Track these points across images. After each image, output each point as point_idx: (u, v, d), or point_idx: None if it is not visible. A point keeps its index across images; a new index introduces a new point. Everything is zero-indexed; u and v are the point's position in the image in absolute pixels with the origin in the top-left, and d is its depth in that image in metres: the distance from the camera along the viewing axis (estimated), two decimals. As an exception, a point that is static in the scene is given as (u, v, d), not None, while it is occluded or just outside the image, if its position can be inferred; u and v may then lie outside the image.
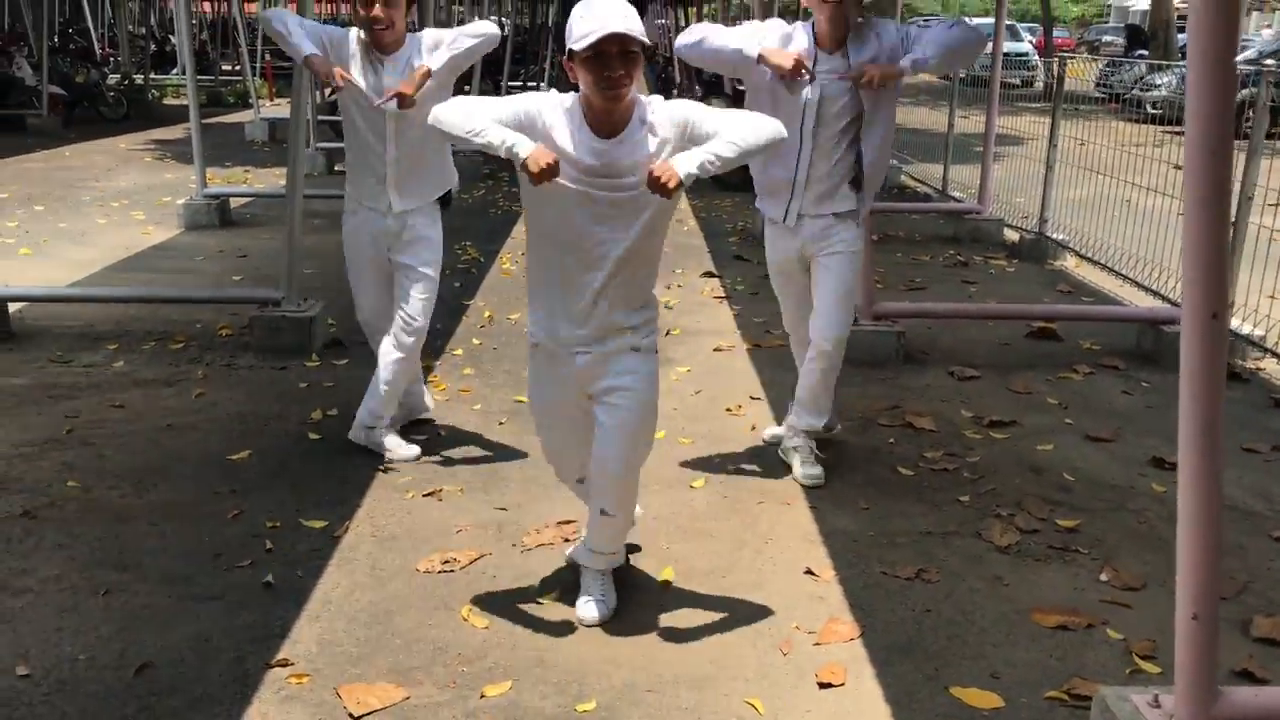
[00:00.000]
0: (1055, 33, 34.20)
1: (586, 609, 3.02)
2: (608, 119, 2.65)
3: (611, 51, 2.53)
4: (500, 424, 4.47)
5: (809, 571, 3.32)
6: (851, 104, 3.65)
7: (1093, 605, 3.16)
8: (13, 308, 5.62)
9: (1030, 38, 32.42)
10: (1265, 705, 2.32)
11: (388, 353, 4.02)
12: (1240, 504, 3.84)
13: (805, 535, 3.56)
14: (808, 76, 3.54)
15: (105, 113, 16.23)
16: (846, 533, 3.58)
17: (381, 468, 4.02)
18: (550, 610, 3.08)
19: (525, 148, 2.57)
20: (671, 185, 2.52)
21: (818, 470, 3.93)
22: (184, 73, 21.12)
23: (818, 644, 2.93)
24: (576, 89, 2.69)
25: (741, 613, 3.08)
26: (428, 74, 3.74)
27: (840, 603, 3.15)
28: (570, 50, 2.58)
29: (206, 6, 29.54)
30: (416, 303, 3.99)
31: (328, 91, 5.57)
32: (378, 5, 3.73)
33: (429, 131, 2.72)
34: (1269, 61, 16.91)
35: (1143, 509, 3.77)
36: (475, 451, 4.20)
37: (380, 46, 3.84)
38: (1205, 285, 2.08)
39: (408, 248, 4.00)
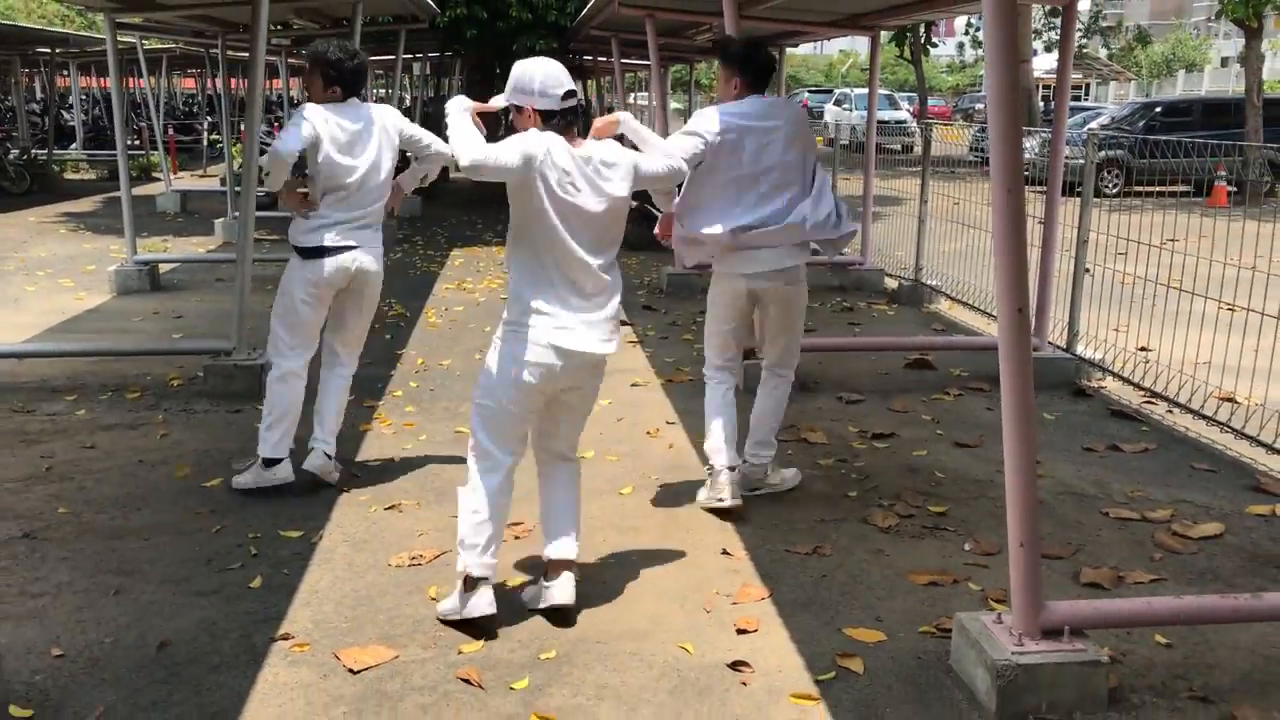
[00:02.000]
0: (931, 101, 36.32)
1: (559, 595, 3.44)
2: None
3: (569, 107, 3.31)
4: (443, 449, 5.00)
5: (724, 552, 3.94)
6: None
7: (958, 567, 3.84)
8: (-31, 365, 5.96)
9: (908, 106, 34.39)
10: (1079, 613, 3.01)
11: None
12: (1079, 490, 4.59)
13: (720, 526, 4.18)
14: None
15: (8, 187, 16.30)
16: (755, 523, 4.21)
17: (343, 488, 4.52)
18: (510, 589, 3.62)
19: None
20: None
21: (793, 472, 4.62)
22: (83, 148, 21.10)
23: (735, 603, 3.54)
24: None
25: (670, 584, 3.68)
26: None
27: (751, 573, 3.77)
28: (535, 108, 3.27)
29: (103, 82, 29.55)
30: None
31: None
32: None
33: None
34: (1093, 126, 18.45)
35: (1000, 496, 4.41)
36: (426, 472, 4.72)
37: None
38: (1011, 287, 2.79)
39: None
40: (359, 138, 4.29)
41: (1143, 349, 6.36)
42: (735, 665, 3.14)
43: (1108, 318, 6.59)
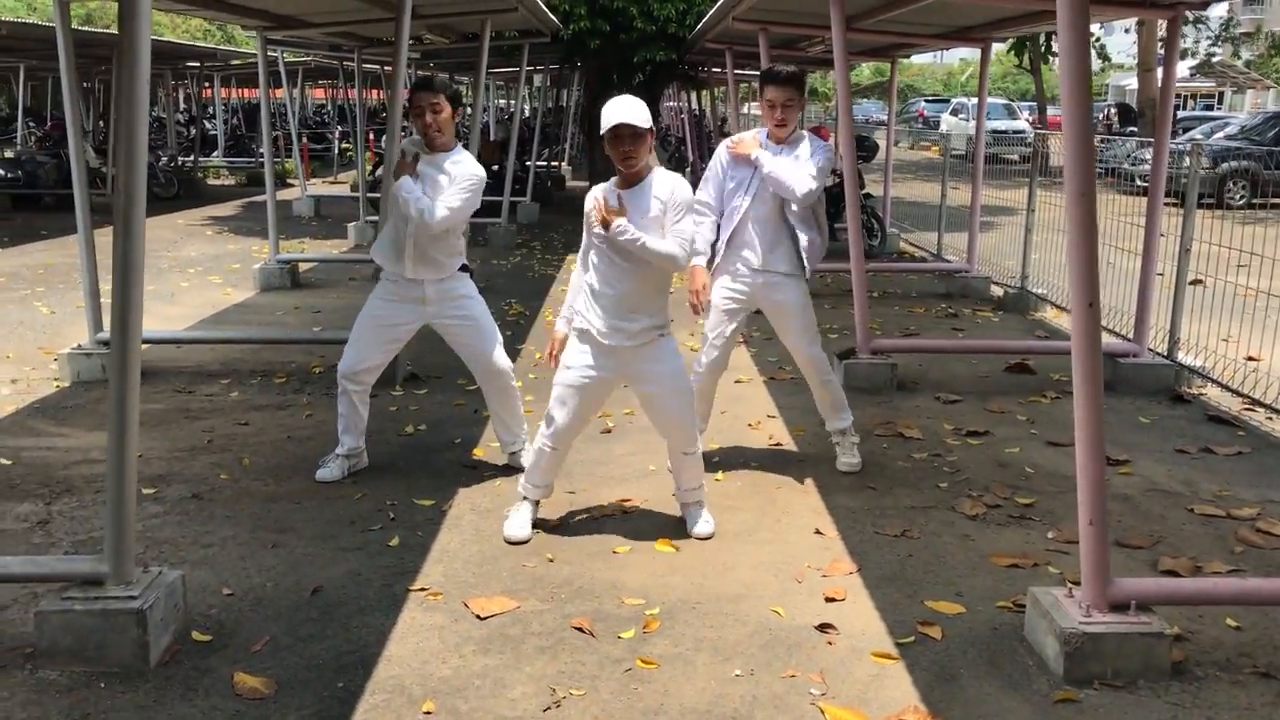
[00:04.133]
0: (1051, 110, 35.66)
1: (705, 527, 4.19)
2: (626, 178, 3.90)
3: (623, 134, 3.78)
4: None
5: (817, 531, 4.24)
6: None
7: (1039, 553, 4.06)
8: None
9: (1027, 115, 33.85)
10: (1144, 589, 3.22)
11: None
12: (1167, 488, 4.75)
13: (814, 509, 4.48)
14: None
15: (158, 192, 17.46)
16: (847, 508, 4.49)
17: (469, 465, 4.96)
18: (619, 555, 4.00)
19: (557, 328, 4.14)
20: (603, 222, 3.83)
21: (855, 459, 4.92)
22: (224, 155, 22.29)
23: (824, 575, 3.84)
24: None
25: (764, 557, 4.00)
26: None
27: (841, 551, 4.06)
28: (602, 134, 3.83)
29: (243, 92, 31.17)
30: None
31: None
32: (427, 114, 4.46)
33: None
34: (1197, 136, 17.98)
35: (1087, 491, 4.67)
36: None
37: (431, 145, 4.56)
38: (1083, 284, 3.04)
39: (452, 309, 4.72)
40: None
41: (1250, 359, 6.41)
42: (822, 627, 3.45)
43: (1218, 327, 6.66)
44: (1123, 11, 6.27)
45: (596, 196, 3.92)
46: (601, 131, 3.82)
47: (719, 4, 8.76)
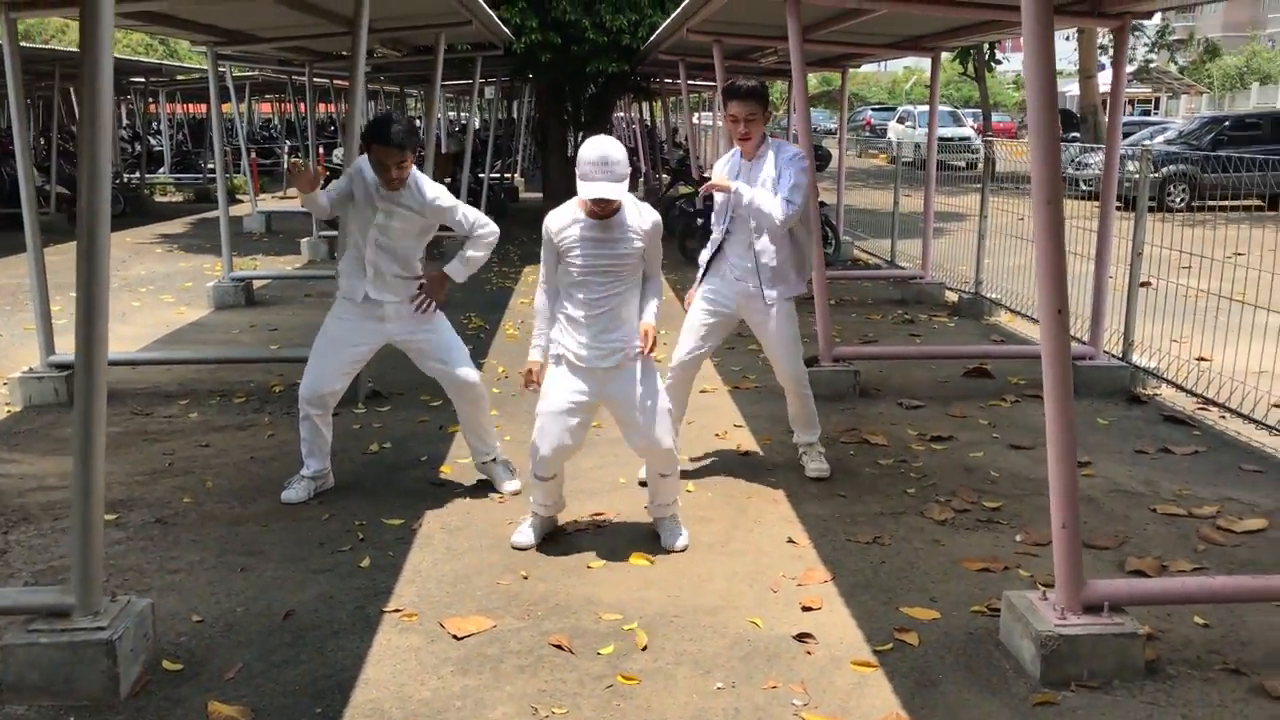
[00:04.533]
0: (996, 117, 36.23)
1: (680, 540, 4.20)
2: (599, 216, 3.90)
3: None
4: (525, 448, 5.37)
5: (790, 540, 4.25)
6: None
7: (1009, 556, 4.11)
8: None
9: (972, 123, 34.37)
10: (1117, 590, 3.27)
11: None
12: (1129, 488, 4.83)
13: (785, 518, 4.50)
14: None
15: (76, 210, 17.13)
16: (818, 516, 4.51)
17: (436, 482, 4.91)
18: (594, 570, 3.98)
19: (532, 357, 4.15)
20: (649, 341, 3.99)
21: (824, 465, 4.97)
22: (170, 172, 21.95)
23: (799, 585, 3.85)
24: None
25: (739, 567, 4.00)
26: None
27: (815, 559, 4.08)
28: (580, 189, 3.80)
29: (188, 107, 30.75)
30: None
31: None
32: (393, 169, 4.37)
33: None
34: (1158, 141, 18.40)
35: (1052, 494, 4.74)
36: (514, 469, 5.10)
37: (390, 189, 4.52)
38: (1051, 291, 3.08)
39: (413, 327, 4.65)
40: None
41: (1201, 359, 6.55)
42: (800, 637, 3.46)
43: (1168, 329, 6.79)
44: (1071, 20, 6.38)
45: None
46: (580, 189, 3.80)
47: (673, 16, 8.81)
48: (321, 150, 19.06)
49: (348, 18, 7.44)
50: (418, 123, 18.78)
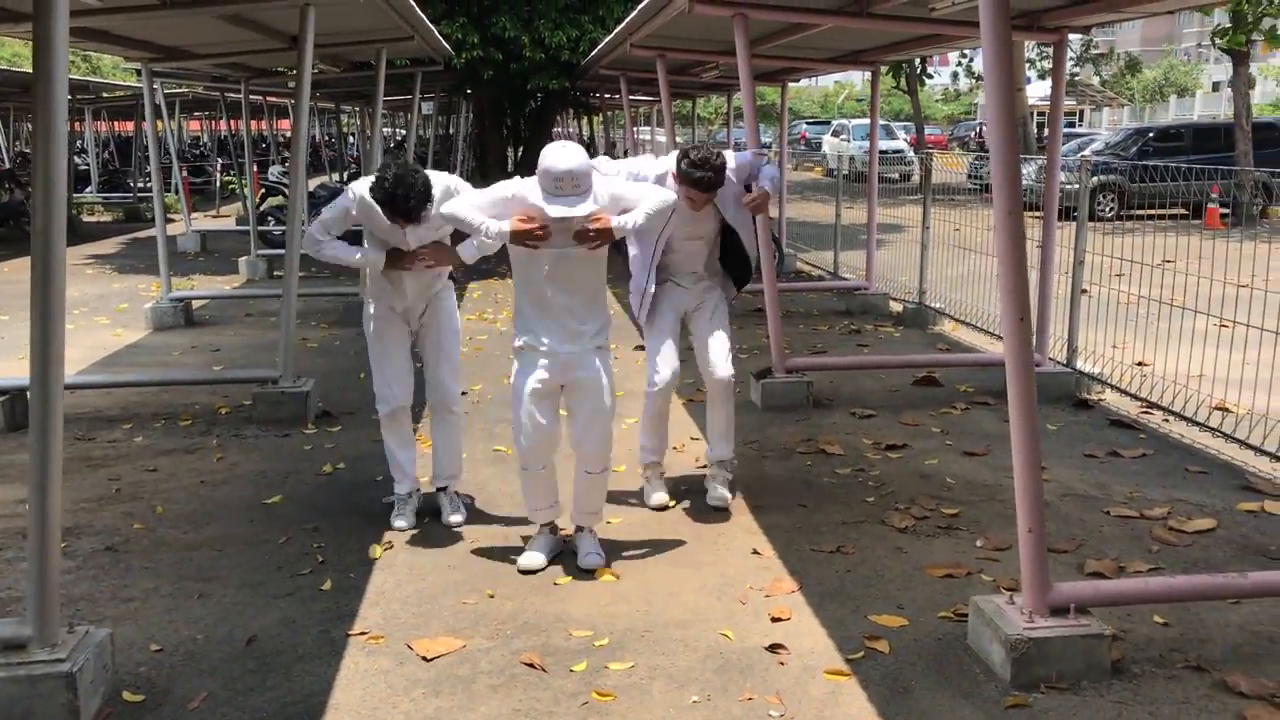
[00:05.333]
0: (928, 130, 36.84)
1: (590, 560, 4.10)
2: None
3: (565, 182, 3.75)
4: (483, 466, 5.33)
5: (755, 552, 4.26)
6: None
7: (971, 561, 4.16)
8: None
9: (904, 135, 34.93)
10: (1082, 592, 3.33)
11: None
12: (1082, 492, 4.92)
13: (749, 530, 4.51)
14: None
15: (29, 230, 16.69)
16: (781, 527, 4.53)
17: (392, 501, 4.84)
18: (560, 586, 3.95)
19: (506, 224, 3.82)
20: (603, 228, 3.79)
21: (727, 493, 4.82)
22: (98, 191, 21.46)
23: (767, 596, 3.86)
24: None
25: (706, 580, 4.00)
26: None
27: (781, 570, 4.09)
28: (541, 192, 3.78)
29: (115, 125, 30.09)
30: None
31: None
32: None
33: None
34: (1087, 153, 18.89)
35: (1008, 499, 4.75)
36: (468, 486, 5.04)
37: None
38: (1014, 299, 3.13)
39: (430, 314, 4.63)
40: None
41: (1140, 364, 6.71)
42: (772, 648, 3.46)
43: (1107, 335, 6.95)
44: (1015, 35, 6.51)
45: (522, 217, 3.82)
46: (540, 186, 3.77)
47: (616, 31, 8.84)
48: (256, 168, 18.75)
49: (290, 34, 7.38)
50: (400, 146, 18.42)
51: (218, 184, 23.21)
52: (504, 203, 3.87)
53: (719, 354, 4.73)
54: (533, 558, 4.12)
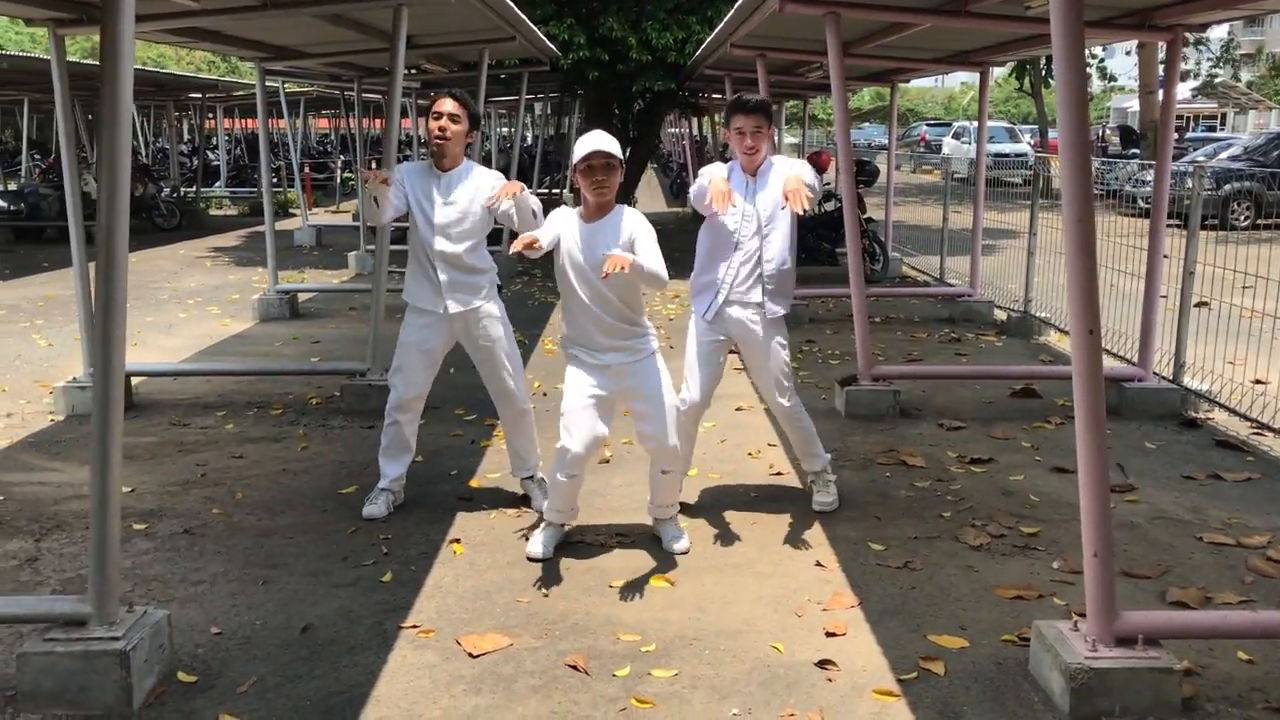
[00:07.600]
0: (1052, 134, 35.61)
1: (679, 544, 4.28)
2: (595, 210, 3.96)
3: (596, 164, 3.87)
4: (559, 466, 5.34)
5: (818, 564, 4.15)
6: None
7: (1044, 584, 3.98)
8: (134, 381, 6.57)
9: (1029, 139, 33.88)
10: (1152, 622, 3.14)
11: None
12: (1175, 515, 4.66)
13: (816, 540, 4.40)
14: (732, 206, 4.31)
15: (159, 223, 17.48)
16: (848, 538, 4.41)
17: (464, 497, 4.89)
18: (615, 589, 3.91)
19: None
20: (619, 268, 3.67)
21: (829, 498, 4.75)
22: (226, 186, 22.35)
23: (825, 609, 3.76)
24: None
25: (764, 590, 3.92)
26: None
27: (843, 583, 3.98)
28: (575, 165, 3.93)
29: (247, 123, 31.32)
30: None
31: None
32: (445, 119, 4.38)
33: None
34: (1199, 158, 17.97)
35: (1093, 520, 4.58)
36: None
37: (440, 162, 4.48)
38: (1083, 310, 2.97)
39: (478, 329, 4.60)
40: None
41: (1258, 381, 6.33)
42: (822, 663, 3.36)
43: (1224, 350, 6.58)
44: (1119, 34, 6.24)
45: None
46: (574, 161, 3.94)
47: (716, 31, 8.76)
48: (373, 165, 19.26)
49: (387, 33, 7.51)
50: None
51: (339, 180, 23.94)
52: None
53: (771, 388, 4.58)
54: (539, 546, 4.22)
